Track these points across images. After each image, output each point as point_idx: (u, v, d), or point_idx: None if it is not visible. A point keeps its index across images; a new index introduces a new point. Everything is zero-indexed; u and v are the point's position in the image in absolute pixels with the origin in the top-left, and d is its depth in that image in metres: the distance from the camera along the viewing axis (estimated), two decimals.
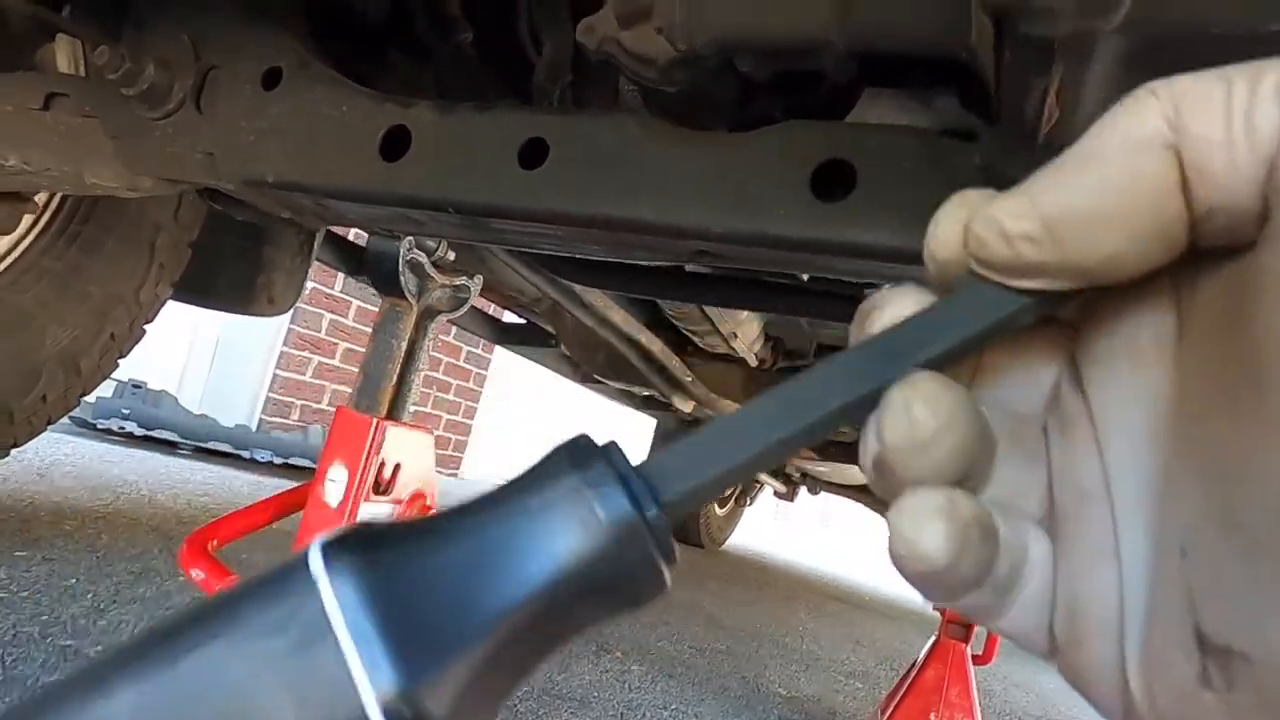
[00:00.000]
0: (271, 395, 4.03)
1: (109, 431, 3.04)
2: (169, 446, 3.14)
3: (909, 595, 5.40)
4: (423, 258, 0.75)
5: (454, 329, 4.79)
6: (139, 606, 1.32)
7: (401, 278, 0.74)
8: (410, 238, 0.75)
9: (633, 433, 6.76)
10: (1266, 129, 0.16)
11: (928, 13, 0.53)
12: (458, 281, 0.79)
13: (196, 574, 0.66)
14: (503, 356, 5.53)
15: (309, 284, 4.06)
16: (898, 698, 1.69)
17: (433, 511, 0.83)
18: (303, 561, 0.17)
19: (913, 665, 1.74)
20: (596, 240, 0.72)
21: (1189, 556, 0.17)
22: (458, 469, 5.55)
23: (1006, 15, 0.40)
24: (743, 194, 0.62)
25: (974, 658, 1.72)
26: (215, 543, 0.70)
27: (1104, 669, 0.19)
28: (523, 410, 6.28)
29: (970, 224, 0.20)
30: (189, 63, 0.84)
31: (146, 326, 1.62)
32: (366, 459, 0.71)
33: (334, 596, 0.17)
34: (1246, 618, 0.15)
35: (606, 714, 1.48)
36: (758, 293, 1.08)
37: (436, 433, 5.30)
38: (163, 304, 1.62)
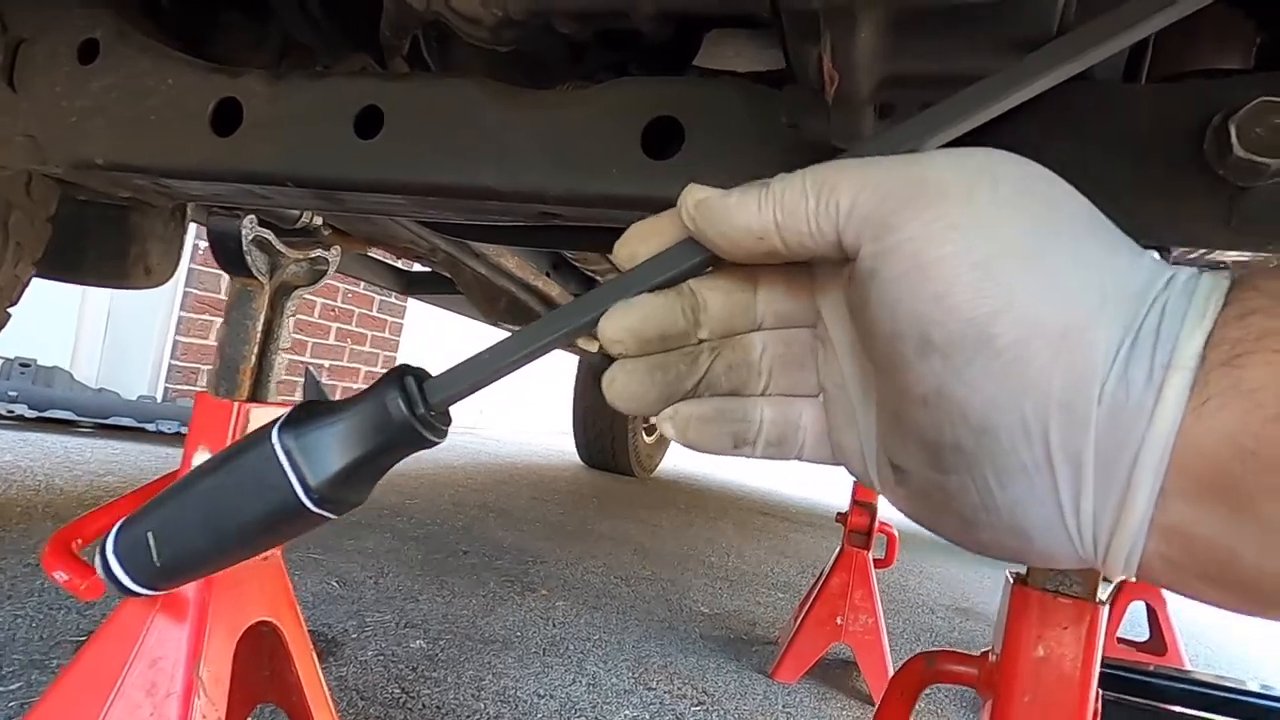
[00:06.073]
0: (174, 363, 3.88)
1: None
2: (66, 426, 3.01)
3: (832, 505, 5.65)
4: (269, 234, 0.73)
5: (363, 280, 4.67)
6: (36, 600, 1.30)
7: (247, 257, 0.72)
8: (252, 214, 0.73)
9: (556, 368, 6.77)
10: (826, 225, 0.29)
11: None
12: (314, 254, 0.78)
13: (60, 576, 0.66)
14: (418, 303, 5.42)
15: (200, 243, 3.88)
16: (808, 605, 1.80)
17: None
18: (265, 429, 0.35)
19: (821, 573, 1.85)
20: (443, 207, 0.71)
21: (880, 425, 0.31)
22: None
23: None
24: (577, 155, 0.63)
25: (876, 561, 1.83)
26: (79, 542, 0.69)
27: (860, 473, 0.34)
28: (444, 356, 6.21)
29: (683, 198, 0.32)
30: None
31: (11, 310, 1.53)
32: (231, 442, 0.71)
33: (279, 444, 0.34)
34: (901, 455, 0.30)
35: (529, 652, 1.53)
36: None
37: (356, 386, 5.21)
38: (25, 285, 1.53)
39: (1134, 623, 2.31)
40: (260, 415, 0.73)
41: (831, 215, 0.28)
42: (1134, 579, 0.28)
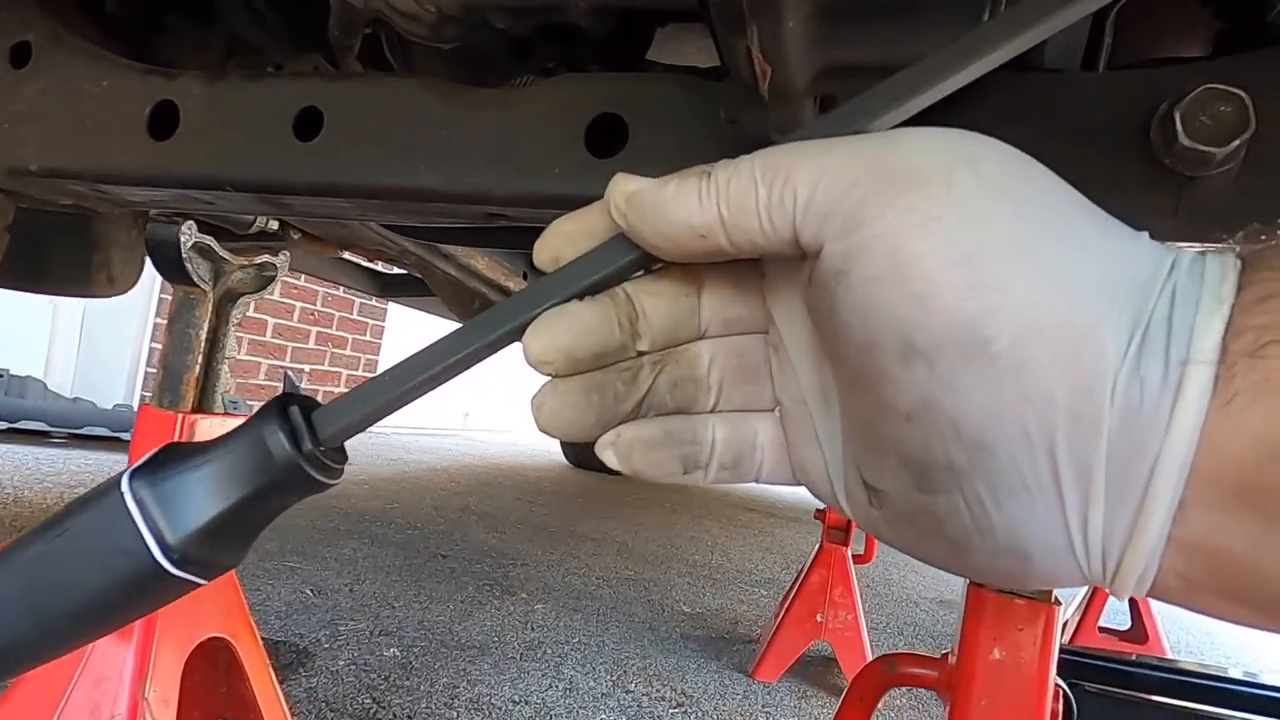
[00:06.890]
0: (151, 370, 3.84)
1: None
2: (39, 437, 2.97)
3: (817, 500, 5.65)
4: (210, 241, 0.71)
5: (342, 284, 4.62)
6: None
7: (188, 265, 0.70)
8: (191, 221, 0.71)
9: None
10: (781, 219, 0.24)
11: None
12: (260, 260, 0.76)
13: None
14: (400, 306, 5.38)
15: None
16: (787, 603, 1.79)
17: None
18: (114, 478, 0.29)
19: (800, 571, 1.84)
20: (386, 209, 0.69)
21: (850, 442, 0.28)
22: None
23: None
24: (519, 154, 0.61)
25: (856, 557, 1.83)
26: None
27: (827, 496, 0.30)
28: None
29: (611, 191, 0.27)
30: None
31: None
32: None
33: (130, 494, 0.28)
34: (878, 475, 0.27)
35: (506, 657, 1.52)
36: None
37: (337, 389, 5.17)
38: None
39: (1116, 611, 2.32)
40: (206, 426, 0.71)
41: (787, 208, 0.24)
42: (1144, 597, 0.25)
